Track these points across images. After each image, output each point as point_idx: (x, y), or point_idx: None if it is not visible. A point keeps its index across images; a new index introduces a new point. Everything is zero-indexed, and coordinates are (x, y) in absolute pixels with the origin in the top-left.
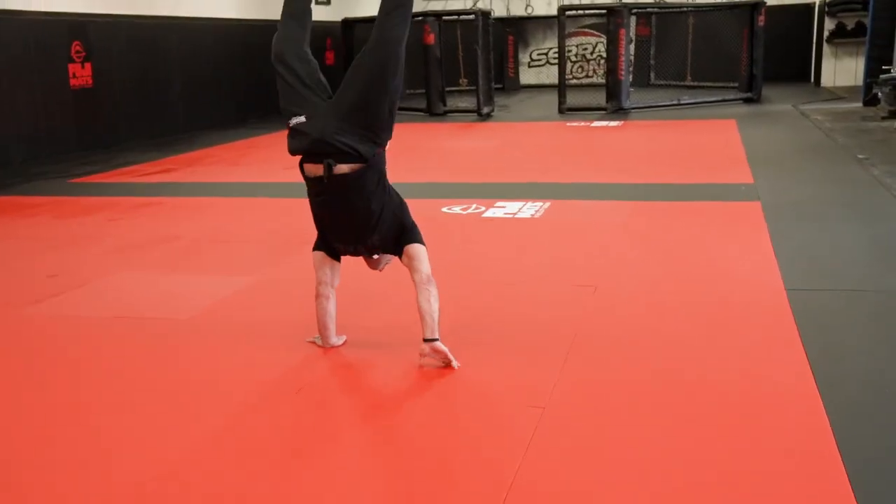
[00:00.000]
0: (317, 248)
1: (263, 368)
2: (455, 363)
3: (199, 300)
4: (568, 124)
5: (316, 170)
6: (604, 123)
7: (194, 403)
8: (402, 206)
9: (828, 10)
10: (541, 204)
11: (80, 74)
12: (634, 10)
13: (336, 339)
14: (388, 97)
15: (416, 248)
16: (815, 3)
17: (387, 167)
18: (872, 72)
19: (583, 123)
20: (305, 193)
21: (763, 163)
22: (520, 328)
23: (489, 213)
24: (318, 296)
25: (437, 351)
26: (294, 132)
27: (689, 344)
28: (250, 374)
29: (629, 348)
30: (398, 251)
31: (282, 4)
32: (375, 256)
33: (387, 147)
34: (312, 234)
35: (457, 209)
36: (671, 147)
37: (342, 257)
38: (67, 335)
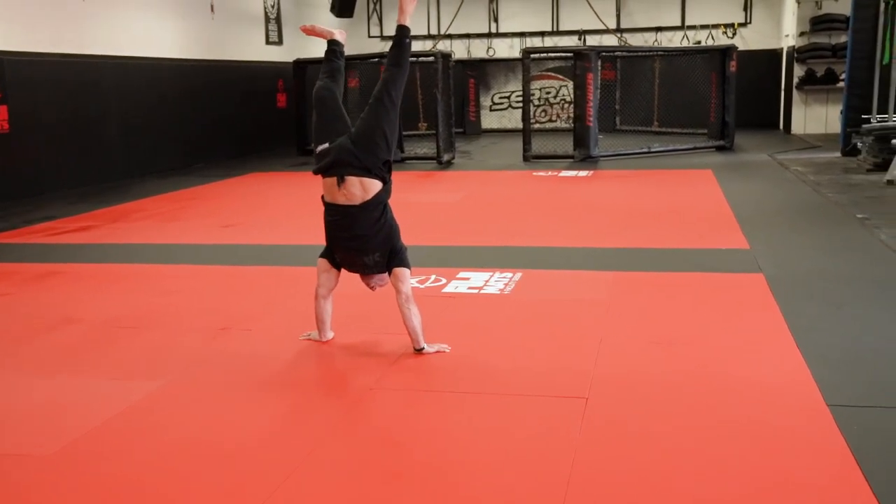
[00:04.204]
0: (323, 255)
1: None
2: (446, 349)
3: (74, 422)
4: (535, 174)
5: (332, 186)
6: (573, 173)
7: None
8: (397, 231)
9: (797, 57)
10: (510, 275)
11: None
12: (601, 54)
13: (329, 333)
14: (384, 129)
15: (402, 271)
16: (782, 50)
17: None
18: (851, 121)
19: (550, 173)
20: (244, 260)
21: (754, 223)
22: (491, 469)
23: (450, 288)
24: (317, 296)
25: (426, 355)
26: (320, 155)
27: (720, 494)
28: None
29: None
30: (389, 270)
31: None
32: (373, 276)
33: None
34: (248, 316)
35: (413, 282)
36: (648, 202)
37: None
38: None
